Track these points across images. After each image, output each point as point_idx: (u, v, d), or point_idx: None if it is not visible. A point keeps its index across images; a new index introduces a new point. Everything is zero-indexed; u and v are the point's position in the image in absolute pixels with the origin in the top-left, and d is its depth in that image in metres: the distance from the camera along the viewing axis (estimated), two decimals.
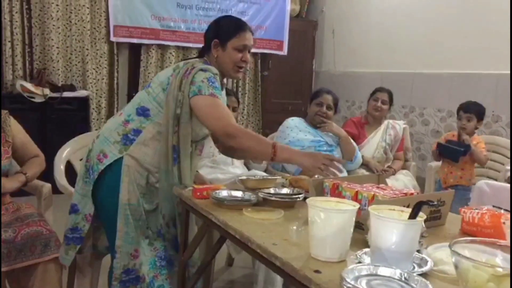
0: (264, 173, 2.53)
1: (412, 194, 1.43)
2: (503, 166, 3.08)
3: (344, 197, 1.39)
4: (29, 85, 4.07)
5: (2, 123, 1.97)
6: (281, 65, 5.58)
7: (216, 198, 1.58)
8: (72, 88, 4.42)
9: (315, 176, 1.76)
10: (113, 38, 4.63)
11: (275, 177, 1.95)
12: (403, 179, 3.02)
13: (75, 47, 4.54)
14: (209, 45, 1.87)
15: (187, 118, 1.75)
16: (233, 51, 1.83)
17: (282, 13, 5.41)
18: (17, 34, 4.23)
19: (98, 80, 4.69)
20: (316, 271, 1.03)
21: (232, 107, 2.67)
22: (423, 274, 1.00)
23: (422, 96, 4.34)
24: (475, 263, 0.84)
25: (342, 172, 1.74)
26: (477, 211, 1.37)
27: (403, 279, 0.93)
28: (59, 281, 1.88)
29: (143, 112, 1.79)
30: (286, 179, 1.91)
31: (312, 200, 1.14)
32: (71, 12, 4.47)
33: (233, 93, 2.88)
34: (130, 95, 4.86)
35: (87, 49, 4.57)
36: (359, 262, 1.06)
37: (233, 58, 1.84)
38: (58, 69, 4.43)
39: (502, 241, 0.99)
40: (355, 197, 1.38)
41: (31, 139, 2.12)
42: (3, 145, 1.96)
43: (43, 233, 1.84)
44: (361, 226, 1.28)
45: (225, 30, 1.85)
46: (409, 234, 1.01)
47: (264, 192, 1.64)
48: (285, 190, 1.72)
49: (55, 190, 2.20)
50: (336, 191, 1.48)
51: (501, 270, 0.81)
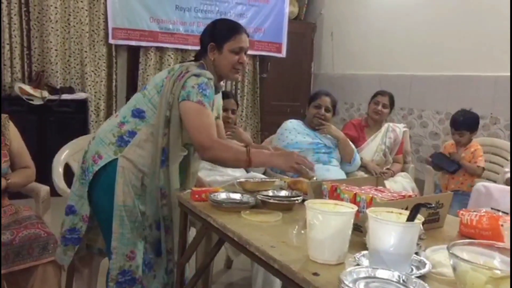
0: (262, 176, 2.53)
1: (410, 196, 1.43)
2: (502, 168, 3.08)
3: (342, 199, 1.39)
4: (27, 88, 4.06)
5: (1, 127, 1.97)
6: (280, 67, 5.60)
7: (214, 200, 1.58)
8: (70, 90, 4.41)
9: (314, 178, 1.77)
10: (111, 41, 4.62)
11: (273, 179, 1.95)
12: (401, 181, 3.02)
13: (73, 49, 4.53)
14: (205, 48, 1.87)
15: (177, 121, 1.75)
16: (229, 53, 1.84)
17: (281, 15, 5.41)
18: (15, 36, 4.23)
19: (97, 82, 4.68)
20: (315, 273, 1.03)
21: (231, 110, 2.67)
22: (421, 277, 1.00)
23: (421, 98, 4.35)
24: (473, 265, 0.84)
25: (314, 172, 1.76)
26: (475, 213, 1.37)
27: (401, 281, 0.93)
28: (58, 283, 1.88)
29: (138, 114, 1.79)
30: (285, 182, 1.90)
31: (310, 203, 1.14)
32: (69, 15, 4.47)
33: (232, 96, 2.88)
34: (128, 98, 4.80)
35: (85, 52, 4.56)
36: (358, 265, 1.06)
37: (230, 60, 1.84)
38: (57, 72, 4.43)
39: (500, 243, 0.99)
40: (354, 199, 1.38)
41: (26, 149, 2.11)
42: (3, 149, 1.96)
43: (41, 235, 1.84)
44: (359, 228, 1.28)
45: (220, 33, 1.85)
46: (407, 237, 1.01)
47: (262, 195, 1.64)
48: (283, 193, 1.72)
49: (53, 192, 2.20)
50: (334, 193, 1.47)
51: (499, 272, 0.81)
